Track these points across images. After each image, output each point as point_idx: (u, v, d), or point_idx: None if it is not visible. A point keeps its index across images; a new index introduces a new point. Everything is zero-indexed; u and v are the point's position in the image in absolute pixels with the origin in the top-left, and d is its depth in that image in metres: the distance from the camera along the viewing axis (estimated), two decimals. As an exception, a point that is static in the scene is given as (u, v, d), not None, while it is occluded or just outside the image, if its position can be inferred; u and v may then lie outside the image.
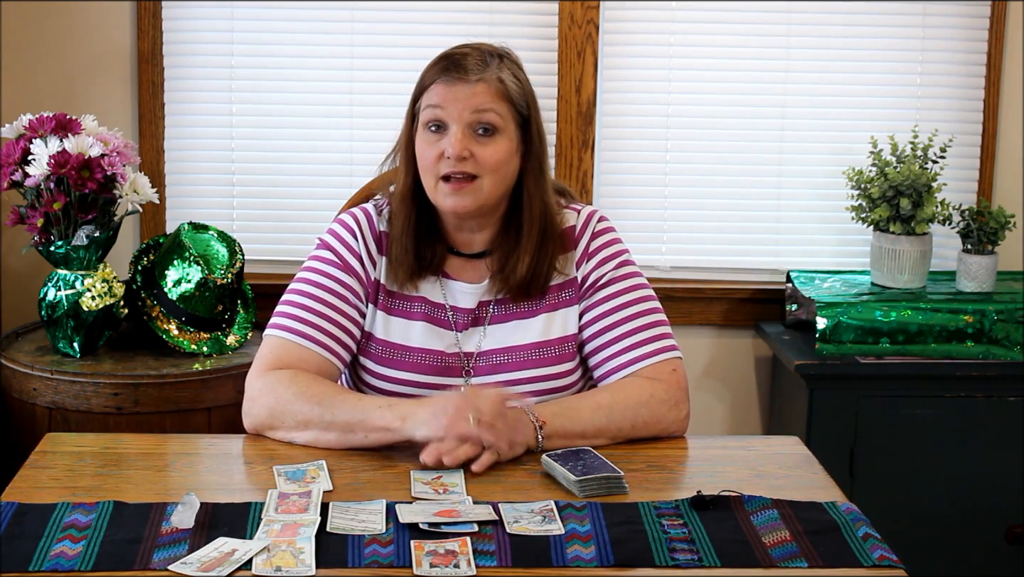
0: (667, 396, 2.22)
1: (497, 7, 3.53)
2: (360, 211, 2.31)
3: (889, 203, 3.38)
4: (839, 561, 1.80)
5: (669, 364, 2.26)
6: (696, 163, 3.61)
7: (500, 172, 2.18)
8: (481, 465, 2.05)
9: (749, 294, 3.64)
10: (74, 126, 3.00)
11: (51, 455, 2.11)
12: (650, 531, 1.87)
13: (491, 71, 2.18)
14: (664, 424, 2.22)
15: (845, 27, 3.56)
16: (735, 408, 3.71)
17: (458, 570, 1.74)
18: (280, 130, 3.56)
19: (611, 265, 2.30)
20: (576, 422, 2.16)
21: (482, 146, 2.17)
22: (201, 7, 3.51)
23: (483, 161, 2.17)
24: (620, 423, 2.18)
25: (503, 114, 2.17)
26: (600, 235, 2.31)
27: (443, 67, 2.18)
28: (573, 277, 2.28)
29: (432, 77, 2.19)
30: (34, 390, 3.01)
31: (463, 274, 2.29)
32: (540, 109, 2.27)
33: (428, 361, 2.26)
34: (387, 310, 2.27)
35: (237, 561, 1.73)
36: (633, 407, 2.19)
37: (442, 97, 2.16)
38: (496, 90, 2.17)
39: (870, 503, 2.53)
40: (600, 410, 2.18)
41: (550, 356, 2.27)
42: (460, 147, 2.15)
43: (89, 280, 3.05)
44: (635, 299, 2.28)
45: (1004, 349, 3.30)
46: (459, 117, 2.16)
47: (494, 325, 2.27)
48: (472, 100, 2.15)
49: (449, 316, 2.27)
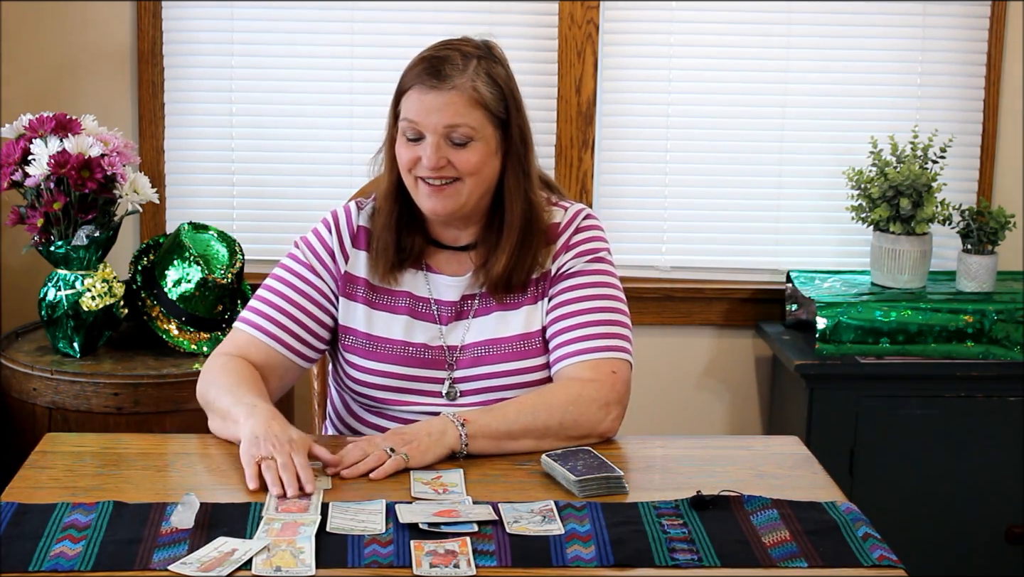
0: (597, 395, 2.19)
1: (497, 7, 3.53)
2: (341, 208, 2.33)
3: (889, 203, 3.38)
4: (839, 561, 1.80)
5: (611, 364, 2.23)
6: (696, 163, 3.61)
7: (479, 174, 2.19)
8: (383, 472, 2.02)
9: (749, 294, 3.64)
10: (74, 126, 3.00)
11: (51, 455, 2.11)
12: (650, 531, 1.86)
13: (466, 77, 2.16)
14: (592, 424, 2.19)
15: (845, 27, 3.56)
16: (735, 408, 3.71)
17: (458, 570, 1.74)
18: (280, 130, 3.56)
19: (585, 259, 2.28)
20: (501, 421, 2.14)
21: (458, 153, 2.17)
22: (201, 7, 3.51)
23: (460, 166, 2.17)
24: (547, 421, 2.15)
25: (477, 124, 2.17)
26: (583, 231, 2.30)
27: (419, 72, 2.17)
28: (548, 269, 2.28)
29: (410, 81, 2.19)
30: (34, 390, 3.01)
31: (447, 267, 2.29)
32: (526, 107, 2.25)
33: (411, 353, 2.26)
34: (370, 303, 2.28)
35: (237, 561, 1.73)
36: (560, 406, 2.17)
37: (416, 109, 2.16)
38: (469, 99, 2.16)
39: (870, 503, 2.53)
40: (525, 409, 2.16)
41: (533, 348, 2.26)
42: (436, 159, 2.16)
43: (89, 280, 3.05)
44: (598, 294, 2.27)
45: (1004, 349, 3.30)
46: (433, 129, 2.16)
47: (478, 318, 2.27)
48: (445, 112, 2.15)
49: (433, 309, 2.27)
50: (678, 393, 3.66)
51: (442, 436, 2.10)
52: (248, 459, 2.00)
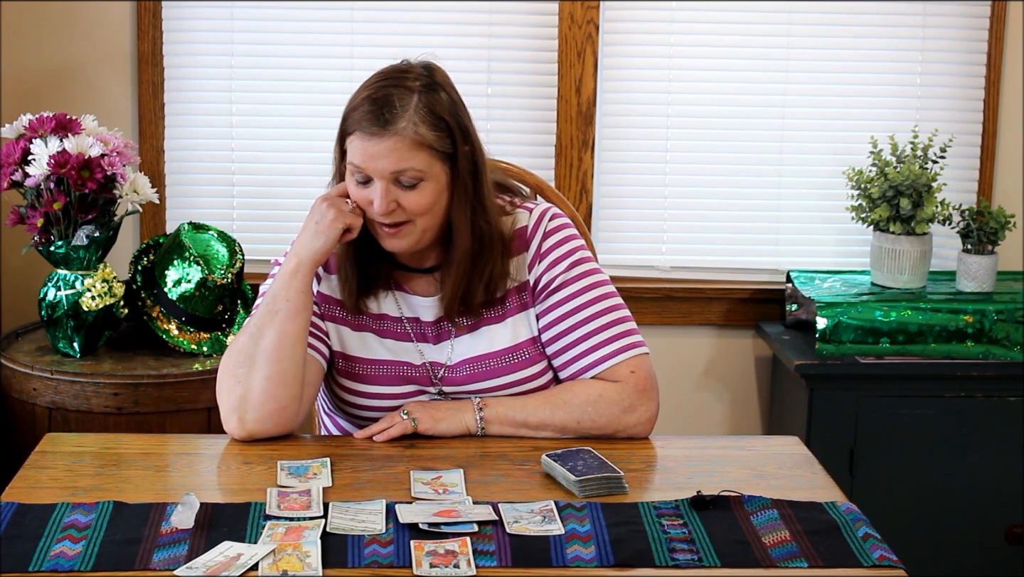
0: (620, 397, 2.21)
1: (497, 7, 3.53)
2: None
3: (889, 203, 3.38)
4: (839, 561, 1.80)
5: (627, 365, 2.24)
6: (696, 163, 3.62)
7: (430, 212, 2.16)
8: (387, 435, 2.17)
9: (749, 294, 3.64)
10: (74, 126, 3.00)
11: (51, 455, 2.11)
12: (650, 531, 1.87)
13: (407, 120, 2.11)
14: (618, 425, 2.22)
15: (845, 27, 3.57)
16: (735, 408, 3.71)
17: (458, 570, 1.74)
18: (280, 130, 3.56)
19: (562, 267, 2.26)
20: (520, 411, 2.21)
21: (407, 195, 2.14)
22: (201, 7, 3.51)
23: (410, 208, 2.14)
24: (564, 420, 2.20)
25: (424, 165, 2.13)
26: (551, 234, 2.27)
27: (360, 117, 2.13)
28: (526, 280, 2.27)
29: (352, 126, 2.15)
30: (34, 390, 3.01)
31: (417, 287, 2.27)
32: (474, 127, 2.20)
33: (396, 373, 2.25)
34: (353, 326, 2.27)
35: (243, 565, 1.73)
36: (578, 406, 2.20)
37: (361, 156, 2.13)
38: (412, 142, 2.11)
39: (870, 503, 2.54)
40: (546, 404, 2.21)
41: (520, 360, 2.25)
42: (385, 204, 2.13)
43: (89, 280, 3.05)
44: (589, 300, 2.25)
45: (1004, 349, 3.30)
46: (380, 174, 2.13)
47: (461, 336, 2.26)
48: (389, 158, 2.11)
49: (408, 328, 2.26)
50: (678, 393, 3.66)
51: (459, 413, 2.20)
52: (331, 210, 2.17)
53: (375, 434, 2.19)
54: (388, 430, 2.19)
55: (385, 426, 2.20)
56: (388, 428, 2.19)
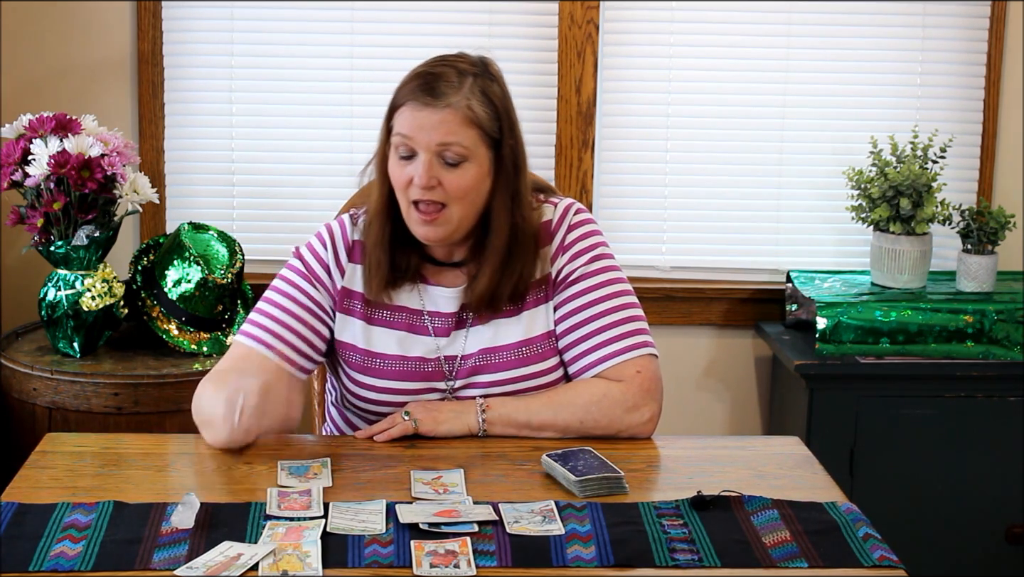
0: (623, 398, 2.21)
1: (497, 7, 3.53)
2: (336, 221, 2.31)
3: (889, 203, 3.38)
4: (839, 561, 1.80)
5: (634, 364, 2.24)
6: (696, 163, 3.61)
7: (468, 198, 2.16)
8: (388, 435, 2.18)
9: (749, 294, 3.64)
10: (74, 126, 3.00)
11: (51, 455, 2.11)
12: (650, 531, 1.87)
13: (461, 95, 2.13)
14: (621, 425, 2.22)
15: (845, 27, 3.56)
16: (735, 408, 3.71)
17: (458, 570, 1.74)
18: (280, 130, 3.56)
19: (584, 260, 2.27)
20: (523, 412, 2.21)
21: (449, 173, 2.14)
22: (201, 7, 3.51)
23: (450, 189, 2.14)
24: (568, 420, 2.20)
25: (470, 143, 2.14)
26: (576, 228, 2.28)
27: (413, 88, 2.15)
28: (548, 273, 2.27)
29: (404, 97, 2.16)
30: (34, 390, 3.01)
31: (442, 279, 2.28)
32: (519, 125, 2.22)
33: (409, 368, 2.25)
34: (367, 319, 2.27)
35: (243, 565, 1.73)
36: (582, 406, 2.20)
37: (410, 126, 2.14)
38: (463, 117, 2.13)
39: (870, 503, 2.53)
40: (550, 405, 2.21)
41: (533, 354, 2.26)
42: (427, 177, 2.13)
43: (89, 280, 3.05)
44: (604, 296, 2.26)
45: (1004, 349, 3.30)
46: (426, 146, 2.13)
47: (476, 327, 2.26)
48: (439, 130, 2.12)
49: (427, 322, 2.26)
50: (678, 393, 3.66)
51: (461, 415, 2.20)
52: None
53: (376, 434, 2.20)
54: (389, 431, 2.19)
55: (386, 427, 2.21)
56: (389, 429, 2.20)
